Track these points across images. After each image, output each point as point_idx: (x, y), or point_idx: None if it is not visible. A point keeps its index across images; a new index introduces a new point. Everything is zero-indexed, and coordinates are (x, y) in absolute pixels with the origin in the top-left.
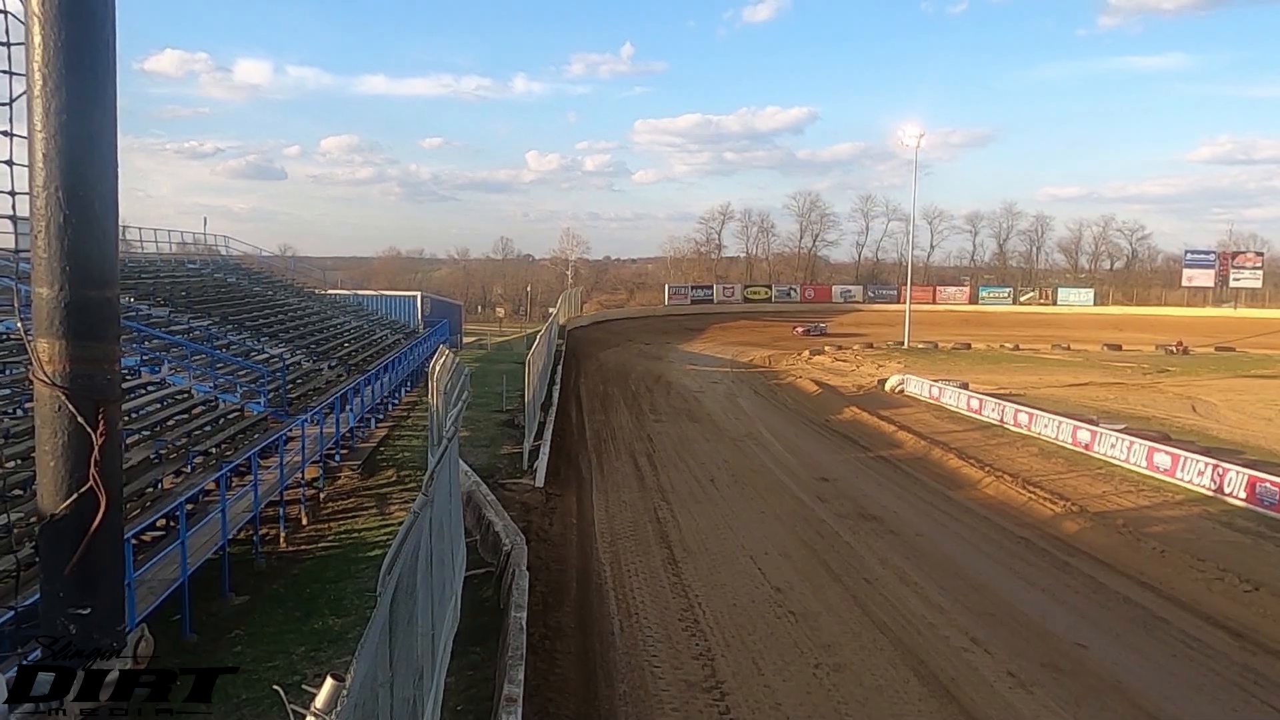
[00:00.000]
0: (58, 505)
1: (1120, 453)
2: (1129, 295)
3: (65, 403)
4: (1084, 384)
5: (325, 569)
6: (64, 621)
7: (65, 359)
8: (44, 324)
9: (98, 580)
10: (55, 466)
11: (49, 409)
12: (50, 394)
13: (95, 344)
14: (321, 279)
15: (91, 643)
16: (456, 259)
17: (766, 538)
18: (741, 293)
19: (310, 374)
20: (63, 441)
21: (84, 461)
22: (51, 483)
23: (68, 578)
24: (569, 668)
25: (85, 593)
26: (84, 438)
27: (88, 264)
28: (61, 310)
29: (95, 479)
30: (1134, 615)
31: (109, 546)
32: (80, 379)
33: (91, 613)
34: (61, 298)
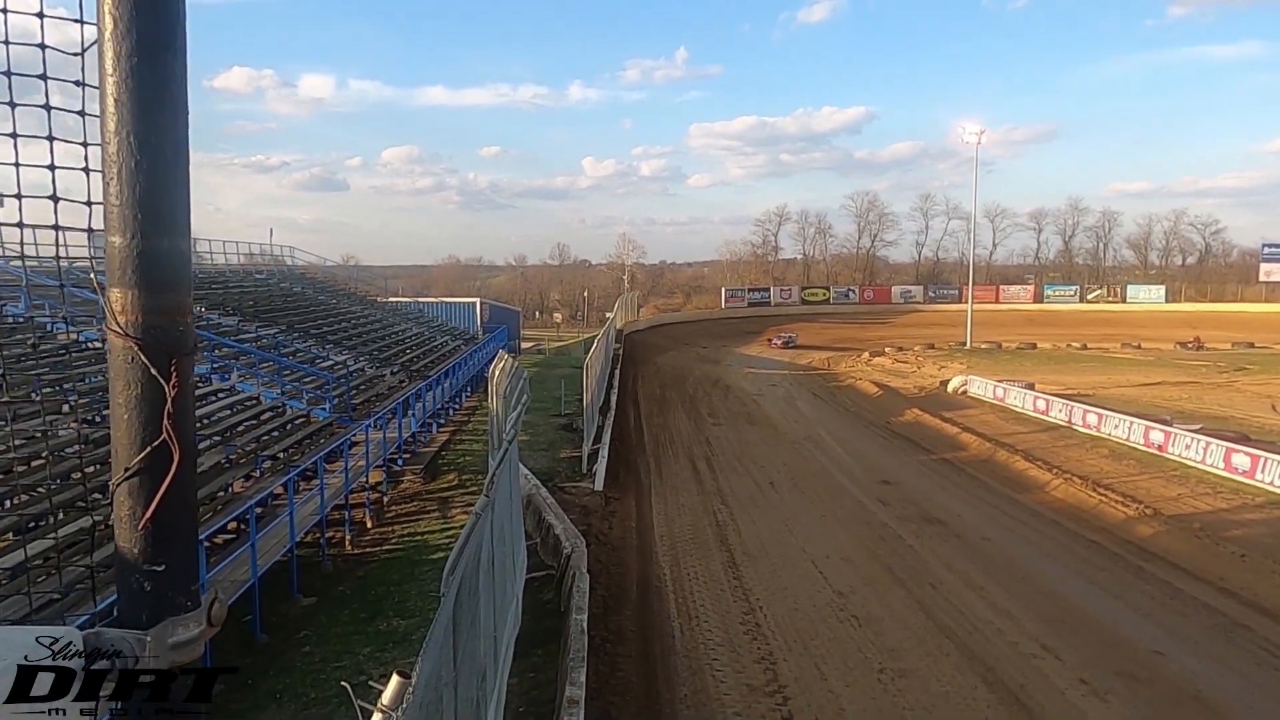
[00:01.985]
0: (131, 459)
1: (1196, 454)
2: (1202, 291)
3: (138, 354)
4: (1156, 383)
5: (389, 571)
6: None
7: (138, 309)
8: (116, 273)
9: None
10: (128, 419)
11: (122, 361)
12: (123, 345)
13: (168, 294)
14: (383, 287)
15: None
16: (514, 265)
17: (828, 541)
18: (799, 295)
19: (373, 380)
20: (135, 394)
21: (157, 414)
22: (125, 436)
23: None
24: (630, 671)
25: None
26: (157, 390)
27: (159, 211)
28: (134, 259)
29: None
30: (1213, 622)
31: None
32: (153, 330)
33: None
34: (134, 246)
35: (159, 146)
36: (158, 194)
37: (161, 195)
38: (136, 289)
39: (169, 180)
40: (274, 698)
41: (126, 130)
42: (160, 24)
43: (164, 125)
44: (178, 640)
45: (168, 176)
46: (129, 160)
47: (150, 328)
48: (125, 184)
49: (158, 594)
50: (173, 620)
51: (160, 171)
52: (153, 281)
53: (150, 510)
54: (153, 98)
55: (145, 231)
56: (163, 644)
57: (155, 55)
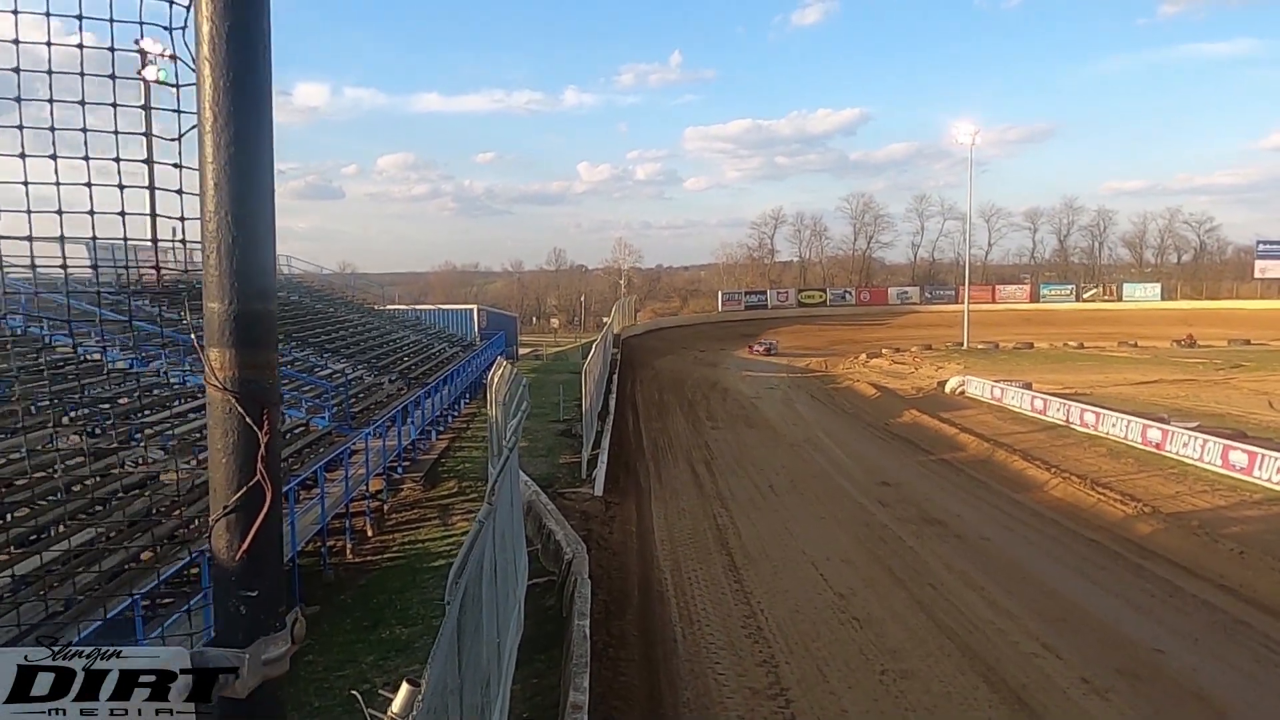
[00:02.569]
0: (229, 498)
1: (1194, 451)
2: (1198, 289)
3: (235, 405)
4: (1153, 381)
5: (391, 579)
6: (234, 604)
7: (234, 366)
8: (215, 335)
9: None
10: (226, 463)
11: (220, 411)
12: (221, 398)
13: (259, 352)
14: (380, 295)
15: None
16: (511, 271)
17: (828, 543)
18: (796, 297)
19: (372, 388)
20: (232, 440)
21: (252, 458)
22: (223, 478)
23: (238, 563)
24: (633, 675)
25: (252, 577)
26: (251, 436)
27: (251, 280)
28: (230, 322)
29: (262, 473)
30: (1213, 620)
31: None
32: (247, 384)
33: (258, 595)
34: (230, 310)
35: (253, 224)
36: (251, 265)
37: (254, 266)
38: (233, 348)
39: (260, 253)
40: None
41: (225, 211)
42: (255, 118)
43: (257, 205)
44: (269, 657)
45: (259, 250)
46: (227, 237)
47: (245, 382)
48: (224, 257)
49: (252, 617)
50: (264, 639)
51: (253, 246)
52: (246, 341)
53: (246, 542)
54: (248, 182)
55: (240, 298)
56: (257, 661)
57: (251, 145)
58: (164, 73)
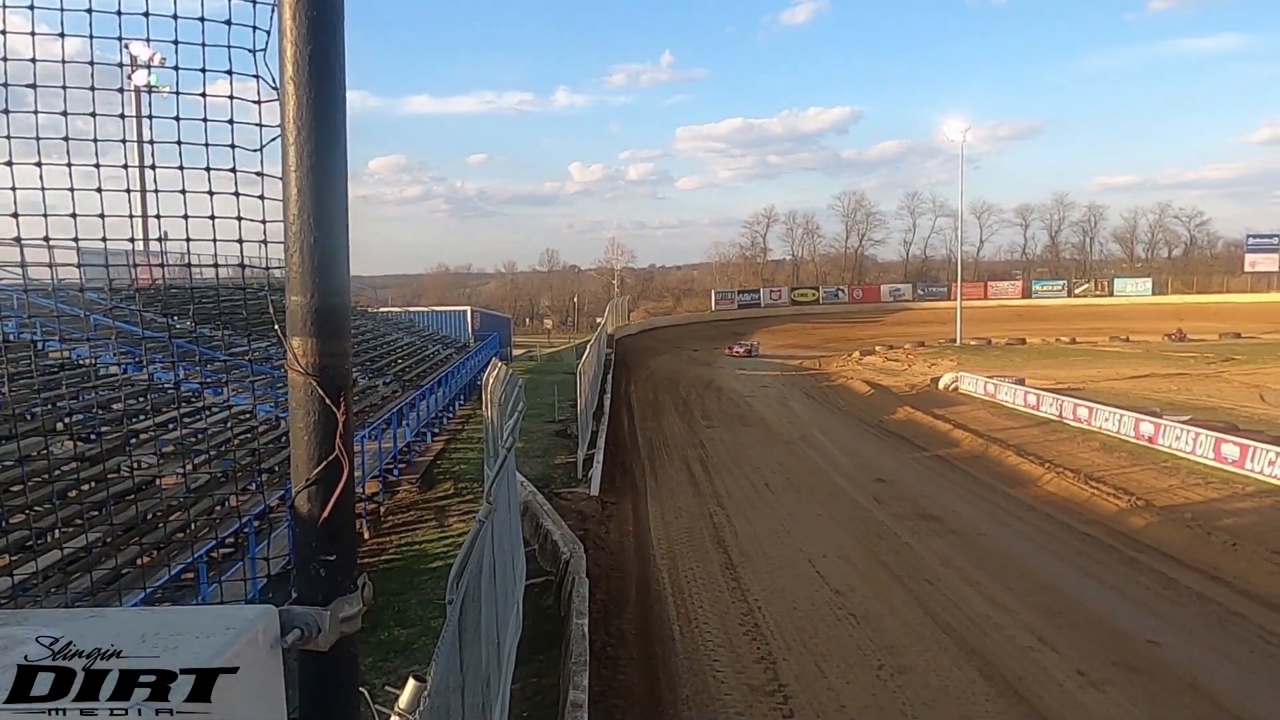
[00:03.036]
0: (310, 472)
1: (1186, 445)
2: (1189, 283)
3: (315, 388)
4: (1145, 376)
5: (388, 581)
6: (315, 567)
7: (314, 353)
8: (297, 325)
9: (340, 533)
10: (307, 440)
11: (302, 394)
12: (303, 382)
13: (336, 340)
14: (373, 297)
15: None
16: (504, 273)
17: (824, 540)
18: (789, 295)
19: (366, 390)
20: (313, 420)
21: (330, 436)
22: (304, 454)
23: (319, 531)
24: (632, 674)
25: (331, 543)
26: (330, 416)
27: (329, 276)
28: (311, 313)
29: (340, 449)
30: (1207, 611)
31: (347, 506)
32: (326, 369)
33: (336, 559)
34: (311, 303)
35: (331, 225)
36: (329, 263)
37: (331, 264)
38: (313, 337)
39: (337, 252)
40: None
41: (307, 214)
42: (332, 129)
43: (334, 208)
44: (346, 615)
45: (336, 249)
46: (308, 237)
47: (324, 368)
48: (305, 255)
49: (330, 579)
50: (341, 599)
51: (331, 245)
52: (325, 331)
53: (326, 512)
54: (326, 187)
55: (320, 292)
56: (335, 619)
57: (328, 154)
58: (155, 77)
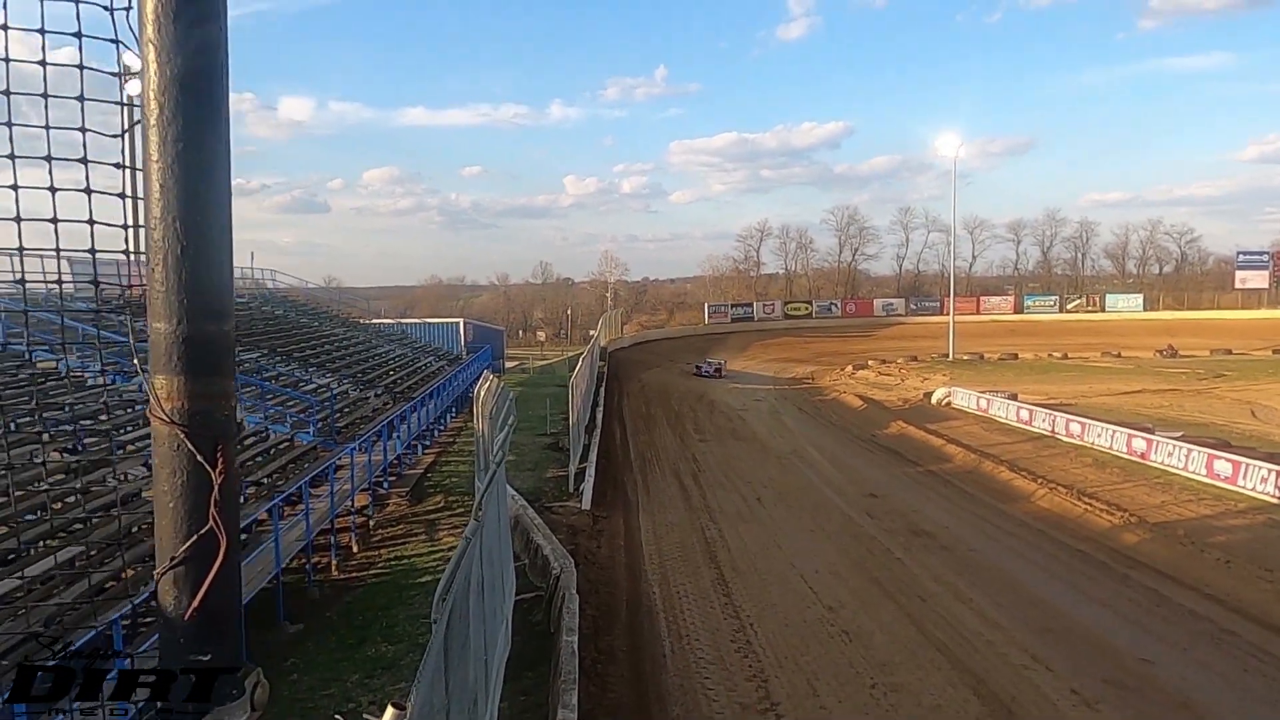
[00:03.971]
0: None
1: (1178, 461)
2: (1180, 299)
3: (184, 441)
4: (1137, 391)
5: (377, 596)
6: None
7: (183, 395)
8: (161, 360)
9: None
10: (174, 508)
11: (167, 448)
12: (169, 432)
13: (212, 379)
14: (366, 309)
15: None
16: (497, 285)
17: (816, 556)
18: (782, 309)
19: (357, 403)
20: (181, 481)
21: (204, 501)
22: (170, 524)
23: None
24: (622, 691)
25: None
26: (203, 476)
27: (205, 297)
28: (179, 345)
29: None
30: (1200, 629)
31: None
32: (198, 416)
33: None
34: (179, 332)
35: (205, 232)
36: (203, 280)
37: (206, 281)
38: (182, 375)
39: (214, 265)
40: None
41: (172, 216)
42: (205, 106)
43: (209, 210)
44: None
45: (213, 261)
46: (175, 246)
47: (195, 413)
48: (171, 270)
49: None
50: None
51: (206, 257)
52: (198, 367)
53: (198, 599)
54: (198, 182)
55: (190, 317)
56: None
57: (200, 139)
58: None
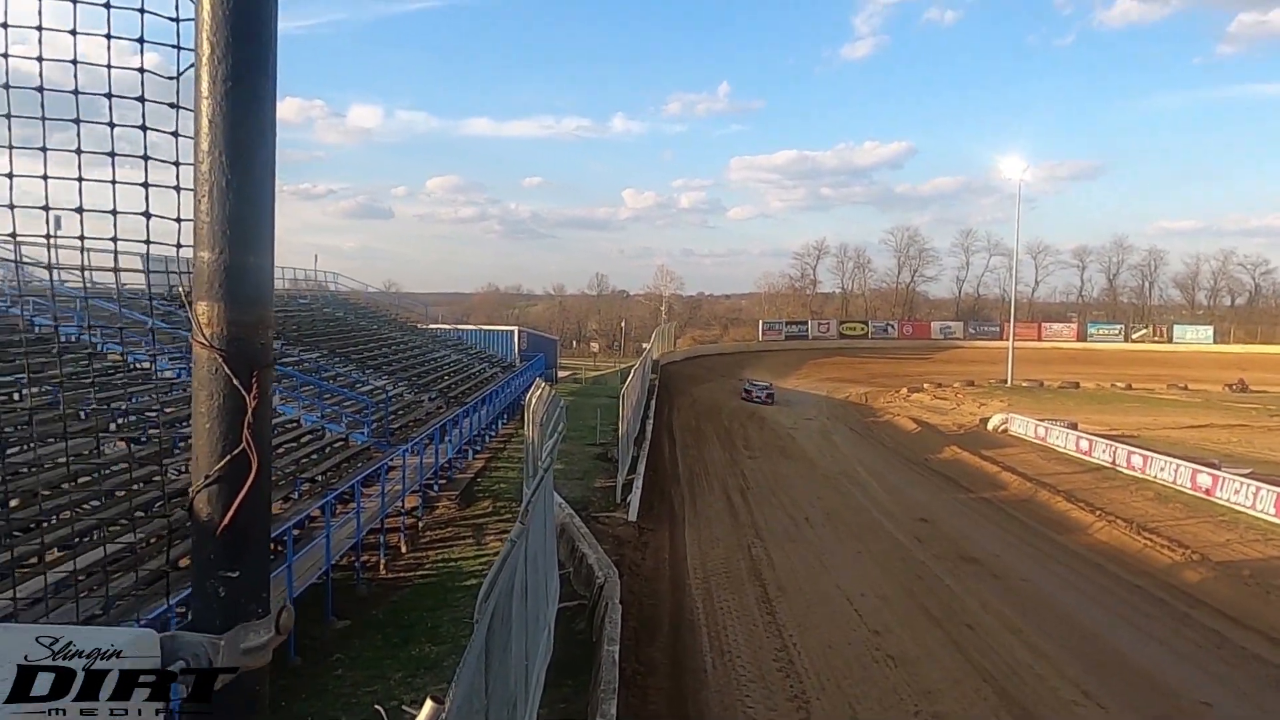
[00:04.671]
0: (211, 467)
1: (1245, 499)
2: (1252, 333)
3: (221, 365)
4: (1204, 425)
5: (423, 597)
6: (213, 584)
7: (223, 322)
8: (204, 287)
9: (246, 544)
10: (209, 429)
11: (205, 371)
12: (208, 356)
13: (251, 309)
14: (423, 314)
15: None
16: (553, 295)
17: (863, 579)
18: (837, 329)
19: (411, 405)
20: (218, 404)
21: (238, 424)
22: (206, 444)
23: (218, 540)
24: (661, 704)
25: (234, 555)
26: (238, 400)
27: (246, 229)
28: (221, 274)
29: (248, 441)
30: (1263, 674)
31: (257, 511)
32: (236, 342)
33: (240, 575)
34: (221, 261)
35: (249, 167)
36: (246, 212)
37: (249, 213)
38: (222, 302)
39: (256, 199)
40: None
41: (219, 150)
42: (255, 49)
43: (254, 146)
44: (249, 645)
45: (255, 195)
46: (220, 179)
47: (234, 340)
48: (216, 201)
49: (231, 600)
50: (244, 626)
51: (249, 190)
52: (238, 296)
53: (228, 517)
54: (245, 120)
55: (233, 247)
56: (235, 648)
57: (249, 79)
58: None
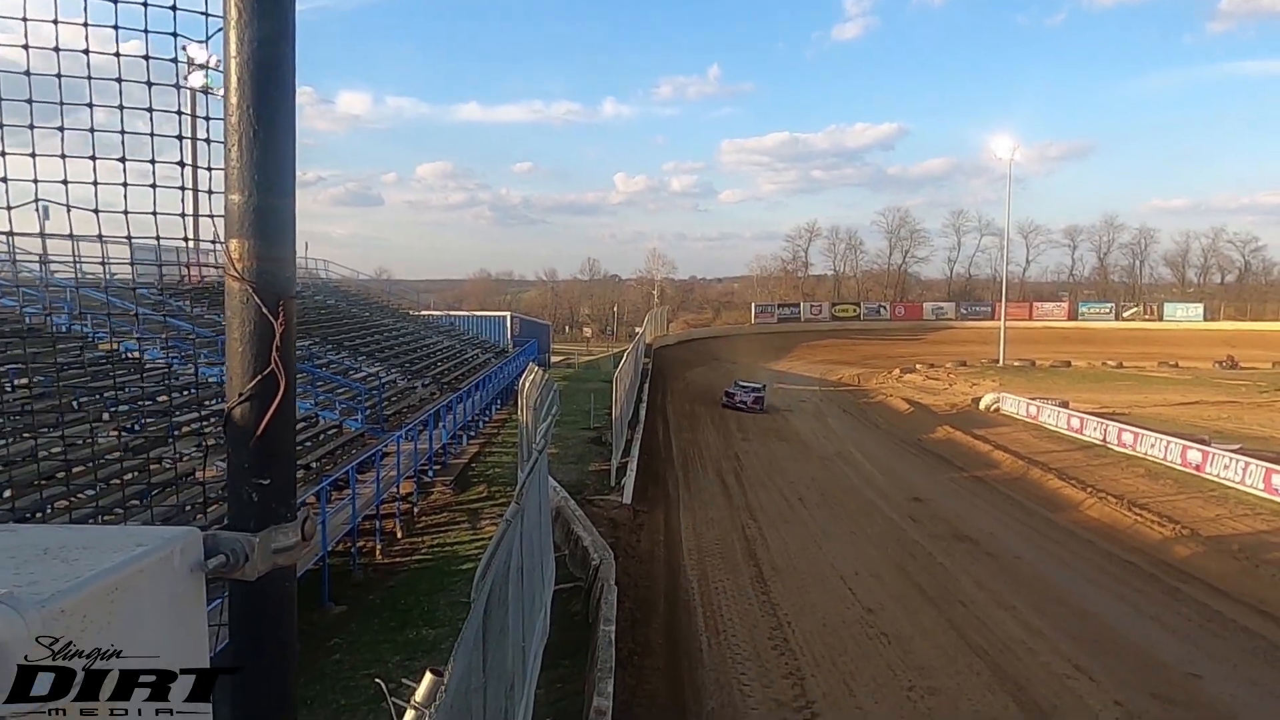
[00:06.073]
0: (244, 386)
1: (1235, 474)
2: (1242, 310)
3: (252, 295)
4: (1194, 403)
5: (419, 581)
6: (247, 491)
7: (253, 257)
8: (235, 226)
9: (276, 455)
10: (242, 352)
11: (238, 301)
12: (240, 288)
13: (276, 244)
14: (415, 301)
15: (270, 510)
16: (545, 280)
17: (857, 558)
18: (829, 311)
19: (405, 392)
20: (249, 330)
21: (267, 347)
22: (239, 367)
23: (251, 451)
24: (657, 683)
25: (265, 465)
26: (267, 326)
27: (271, 174)
28: (250, 214)
29: (276, 363)
30: (1252, 645)
31: (284, 424)
32: (265, 275)
33: (270, 483)
34: (250, 203)
35: (273, 119)
36: (270, 159)
37: (273, 160)
38: (251, 239)
39: (280, 147)
40: (304, 704)
41: (247, 104)
42: (277, 13)
43: (277, 100)
44: (279, 546)
45: (279, 144)
46: (248, 129)
47: (262, 273)
48: (245, 150)
49: (263, 504)
50: (275, 528)
51: (273, 140)
52: (264, 233)
53: (260, 429)
54: (269, 77)
55: (259, 190)
56: (267, 548)
57: (273, 40)
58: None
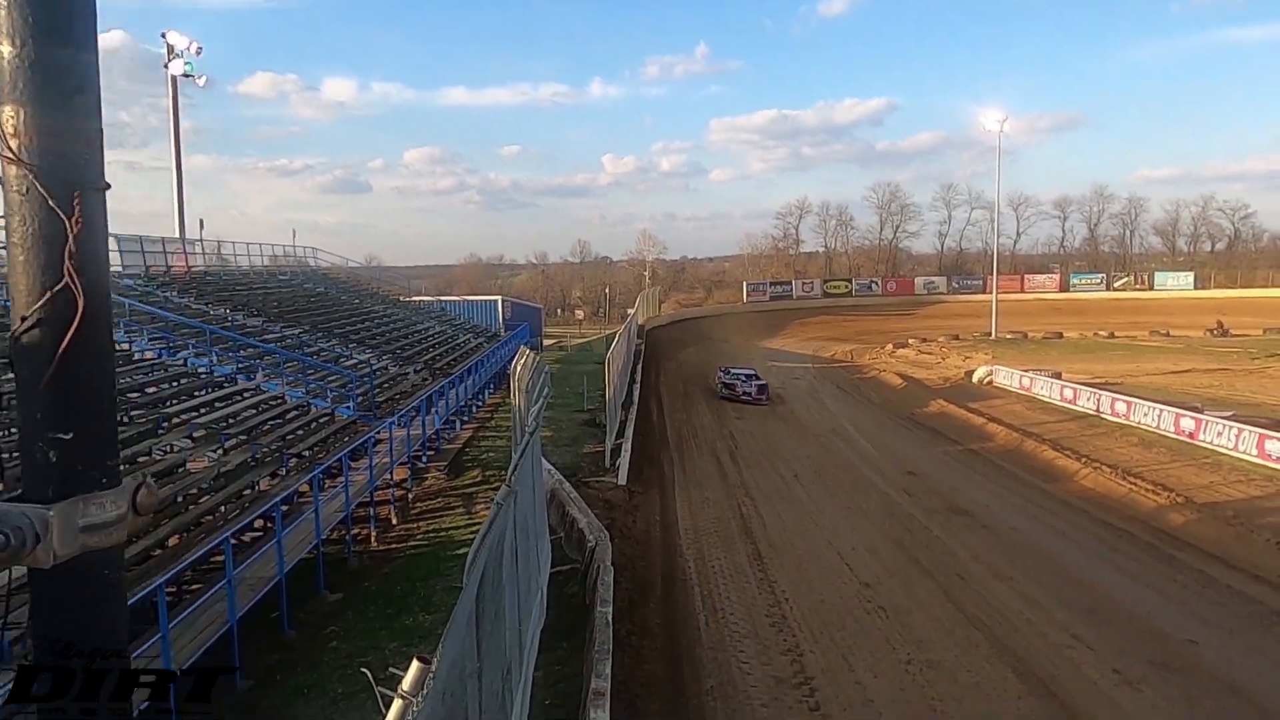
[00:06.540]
0: (28, 308)
1: (1228, 441)
2: (1232, 277)
3: (34, 183)
4: (1186, 371)
5: (415, 567)
6: (42, 447)
7: (32, 131)
8: (6, 87)
9: (81, 398)
10: (25, 261)
11: (16, 192)
12: (17, 173)
13: (70, 115)
14: (406, 287)
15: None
16: (536, 264)
17: (853, 533)
18: (821, 288)
19: (397, 378)
20: (32, 230)
21: (57, 255)
22: (23, 281)
23: (44, 394)
24: (656, 663)
25: (66, 412)
26: (57, 226)
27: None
28: (26, 70)
29: (70, 274)
30: (1248, 611)
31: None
32: (51, 155)
33: (74, 437)
34: (25, 54)
35: None
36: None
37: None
38: (30, 105)
39: None
40: (301, 693)
41: None
42: None
43: None
44: (91, 522)
45: None
46: None
47: (47, 152)
48: None
49: (65, 466)
50: (84, 498)
51: None
52: (50, 98)
53: (53, 366)
54: None
55: (38, 38)
56: (71, 524)
57: None
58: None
